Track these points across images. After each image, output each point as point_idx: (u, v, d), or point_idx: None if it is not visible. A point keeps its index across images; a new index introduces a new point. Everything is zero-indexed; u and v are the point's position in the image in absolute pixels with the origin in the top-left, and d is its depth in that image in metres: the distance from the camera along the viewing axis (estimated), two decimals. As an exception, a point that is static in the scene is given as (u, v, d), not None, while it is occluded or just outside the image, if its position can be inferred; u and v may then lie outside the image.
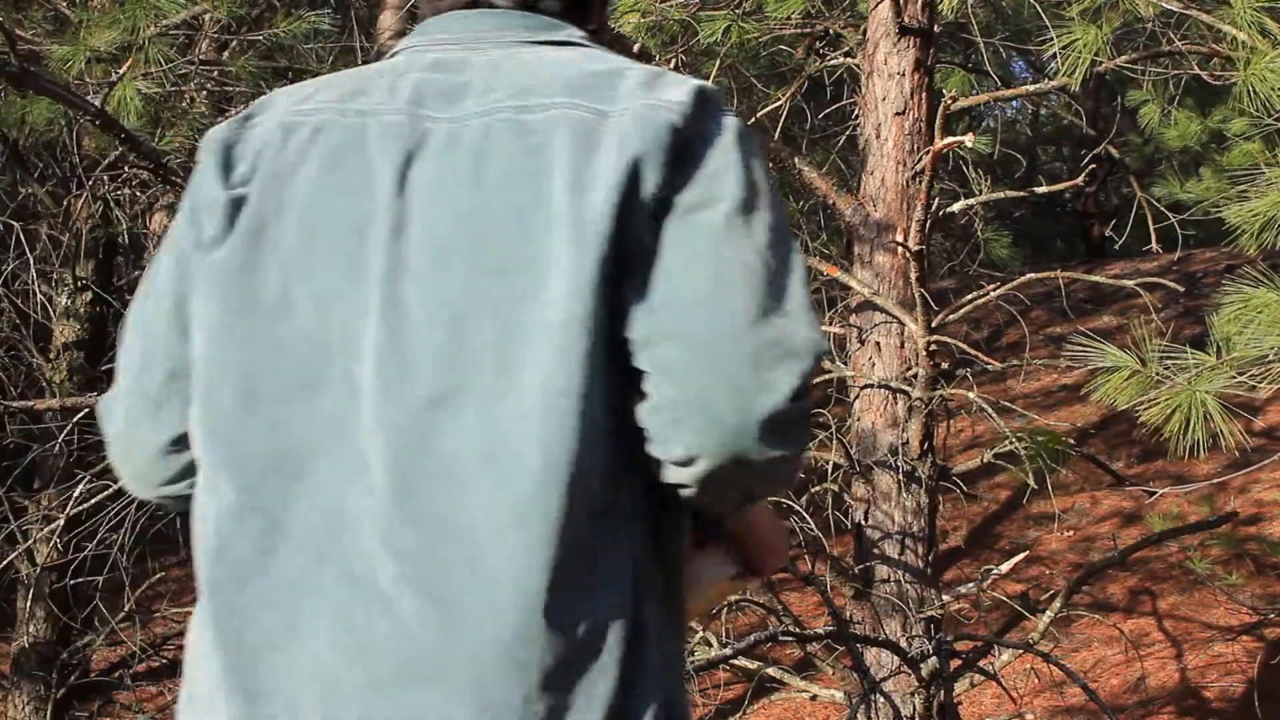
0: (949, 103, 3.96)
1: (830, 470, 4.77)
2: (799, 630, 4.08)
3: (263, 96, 1.35)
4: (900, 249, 4.45)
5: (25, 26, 5.58)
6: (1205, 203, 5.37)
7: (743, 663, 4.47)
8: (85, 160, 6.03)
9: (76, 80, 4.97)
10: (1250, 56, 4.19)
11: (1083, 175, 5.30)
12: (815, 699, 5.08)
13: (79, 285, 6.59)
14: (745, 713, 5.82)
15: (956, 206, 5.18)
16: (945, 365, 4.51)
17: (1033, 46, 6.29)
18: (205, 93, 5.93)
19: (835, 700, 4.71)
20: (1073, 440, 6.12)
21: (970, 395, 4.48)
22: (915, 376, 4.42)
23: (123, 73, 4.23)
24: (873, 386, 4.64)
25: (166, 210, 6.65)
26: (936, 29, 4.87)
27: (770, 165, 2.96)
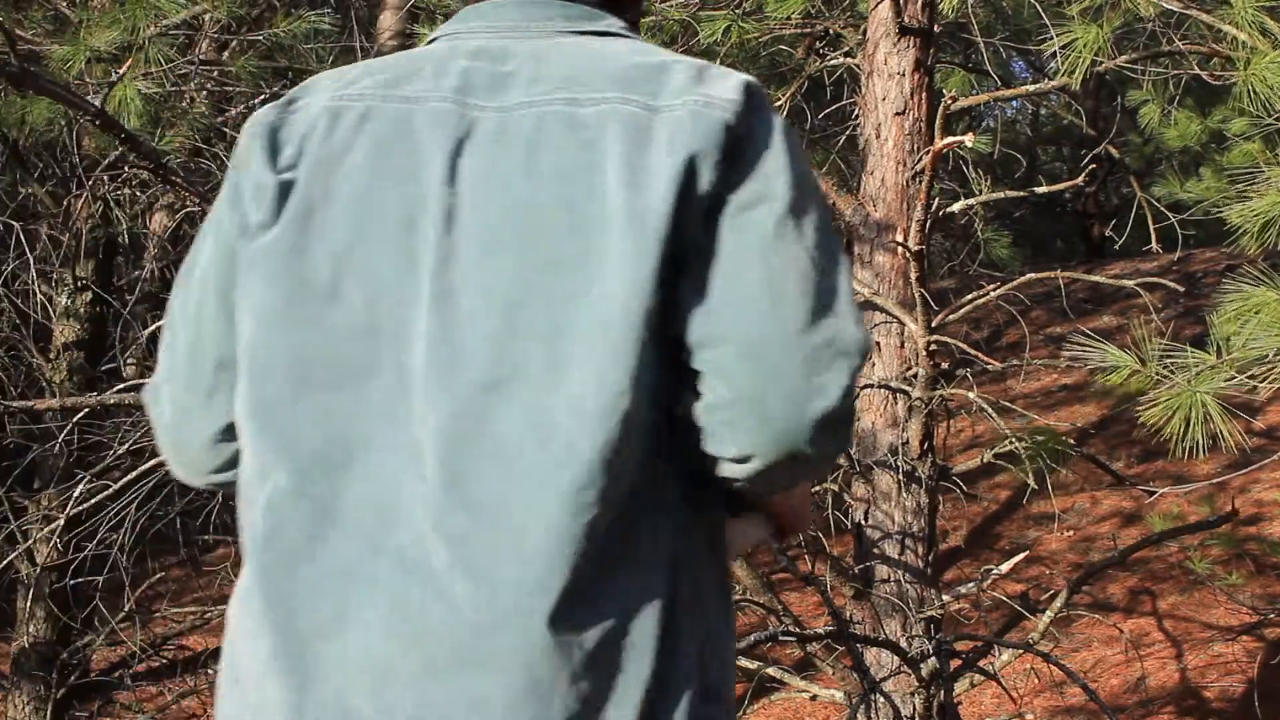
0: (949, 103, 3.96)
1: (830, 470, 4.76)
2: (799, 630, 4.08)
3: (305, 81, 1.35)
4: (900, 249, 4.45)
5: (25, 26, 5.57)
6: (1205, 203, 5.37)
7: (743, 663, 4.46)
8: (85, 160, 6.02)
9: (76, 80, 4.96)
10: (1250, 56, 4.19)
11: (1083, 175, 5.29)
12: (815, 699, 5.08)
13: (79, 285, 6.57)
14: (745, 713, 5.82)
15: (956, 206, 5.18)
16: (945, 365, 4.50)
17: (1033, 46, 6.29)
18: (205, 93, 5.93)
19: (835, 700, 4.71)
20: (1073, 440, 6.11)
21: (970, 395, 4.47)
22: (915, 376, 4.42)
23: (123, 73, 4.22)
24: (873, 386, 4.63)
25: (166, 210, 6.65)
26: (936, 29, 4.87)
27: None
